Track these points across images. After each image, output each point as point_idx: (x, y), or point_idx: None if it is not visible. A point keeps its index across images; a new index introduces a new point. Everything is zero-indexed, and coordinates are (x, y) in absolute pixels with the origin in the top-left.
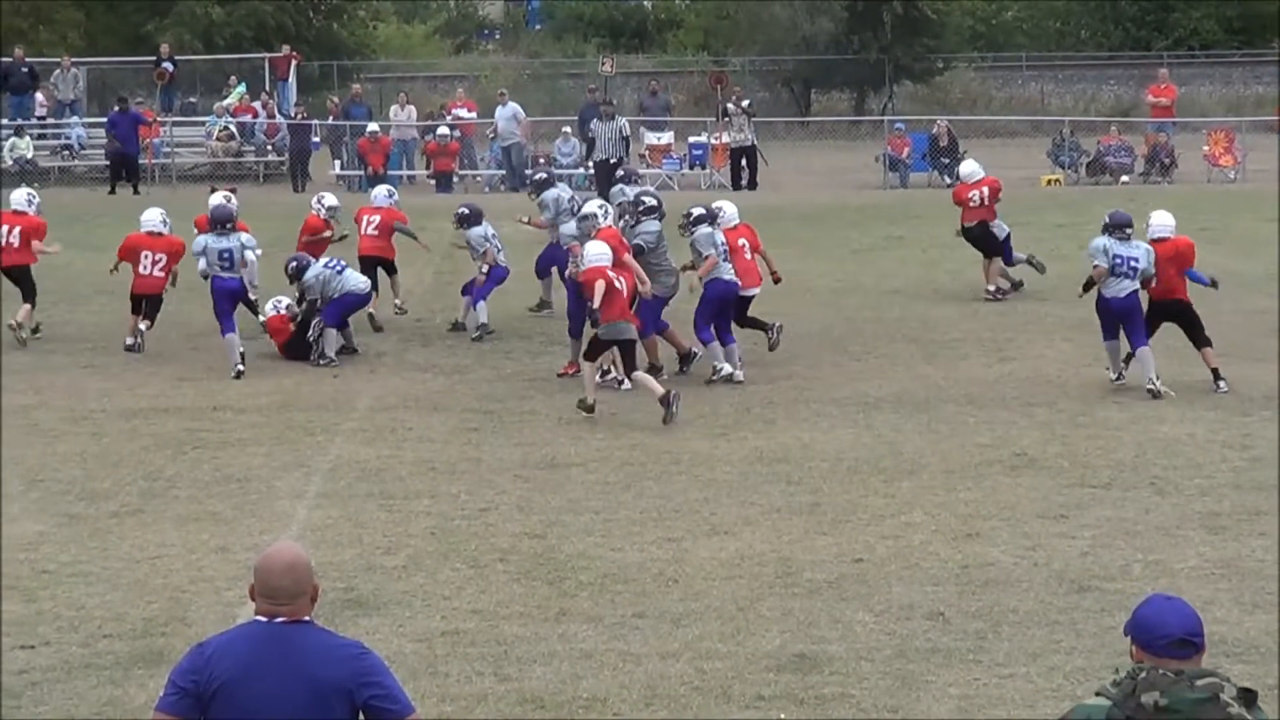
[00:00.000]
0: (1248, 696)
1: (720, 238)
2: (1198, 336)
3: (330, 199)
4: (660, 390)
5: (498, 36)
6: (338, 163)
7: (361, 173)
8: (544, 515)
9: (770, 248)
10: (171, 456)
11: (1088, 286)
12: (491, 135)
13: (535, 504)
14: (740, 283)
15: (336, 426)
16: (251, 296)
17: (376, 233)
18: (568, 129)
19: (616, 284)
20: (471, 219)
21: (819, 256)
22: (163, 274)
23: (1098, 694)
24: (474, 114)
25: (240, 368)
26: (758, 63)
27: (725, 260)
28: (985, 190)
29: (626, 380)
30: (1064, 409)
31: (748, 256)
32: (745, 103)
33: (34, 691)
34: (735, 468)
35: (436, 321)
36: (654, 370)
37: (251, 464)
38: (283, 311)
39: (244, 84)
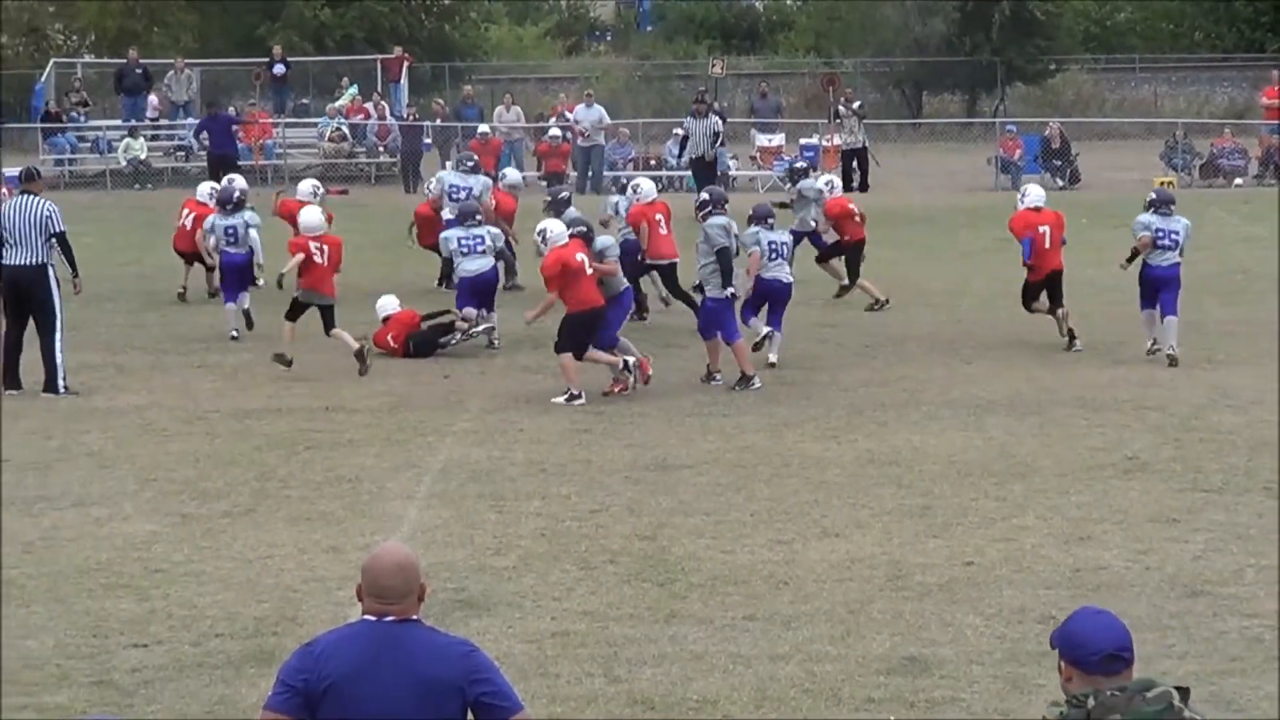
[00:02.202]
0: (1183, 694)
1: (764, 236)
2: (1057, 298)
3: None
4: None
5: (609, 38)
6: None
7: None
8: (654, 517)
9: (881, 250)
10: (284, 457)
11: (1131, 258)
12: (583, 135)
13: (646, 506)
14: (665, 255)
15: (448, 427)
16: (255, 275)
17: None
18: (678, 130)
19: (317, 257)
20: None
21: (930, 259)
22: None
23: None
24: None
25: (236, 334)
26: (869, 64)
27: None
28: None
29: (756, 380)
30: (1176, 413)
31: (663, 231)
32: (856, 104)
33: (146, 690)
34: (846, 470)
35: (546, 323)
36: (710, 377)
37: (363, 464)
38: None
39: (356, 85)
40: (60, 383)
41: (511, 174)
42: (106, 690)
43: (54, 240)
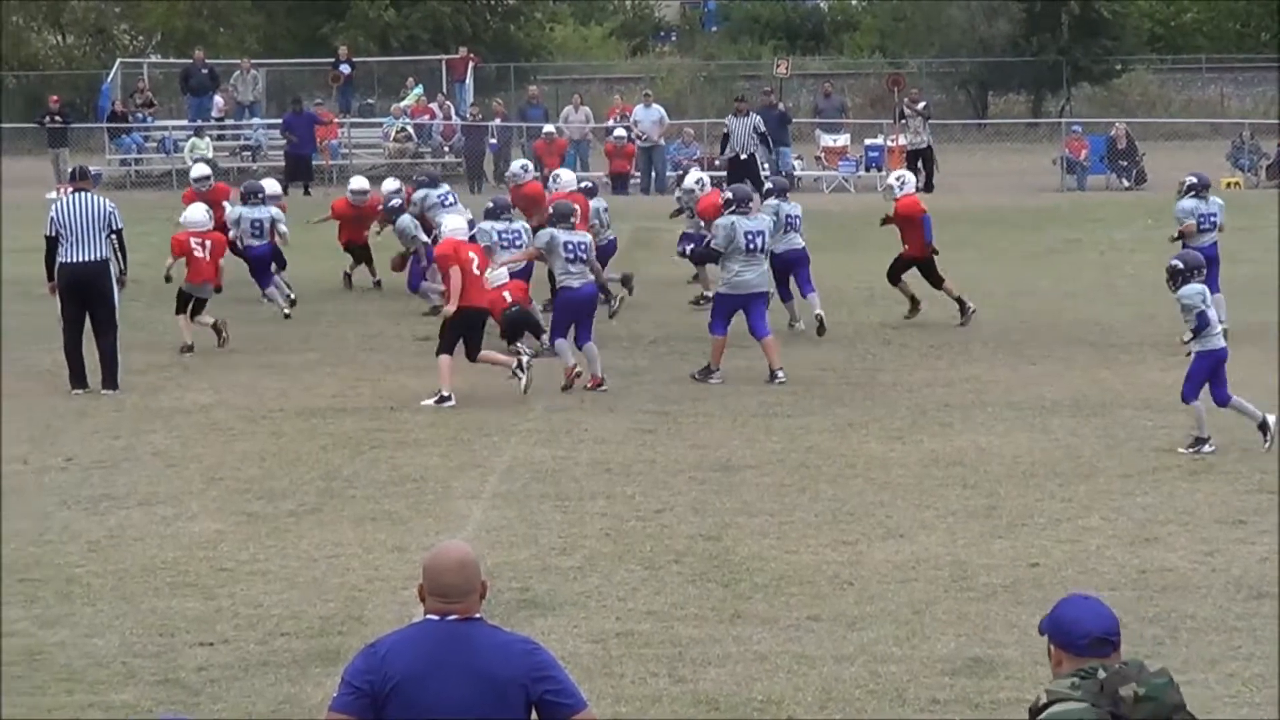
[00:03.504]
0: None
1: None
2: (935, 275)
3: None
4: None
5: (674, 38)
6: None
7: (538, 174)
8: (719, 517)
9: (946, 250)
10: (349, 456)
11: (1177, 238)
12: (640, 138)
13: (710, 506)
14: None
15: (513, 427)
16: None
17: None
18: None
19: (198, 252)
20: (396, 211)
21: (995, 259)
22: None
23: (1052, 702)
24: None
25: (288, 313)
26: (934, 65)
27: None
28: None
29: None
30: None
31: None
32: (921, 104)
33: (212, 689)
34: (910, 471)
35: (611, 324)
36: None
37: (428, 464)
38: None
39: (421, 85)
40: (119, 379)
41: (565, 174)
42: (172, 689)
43: (113, 237)
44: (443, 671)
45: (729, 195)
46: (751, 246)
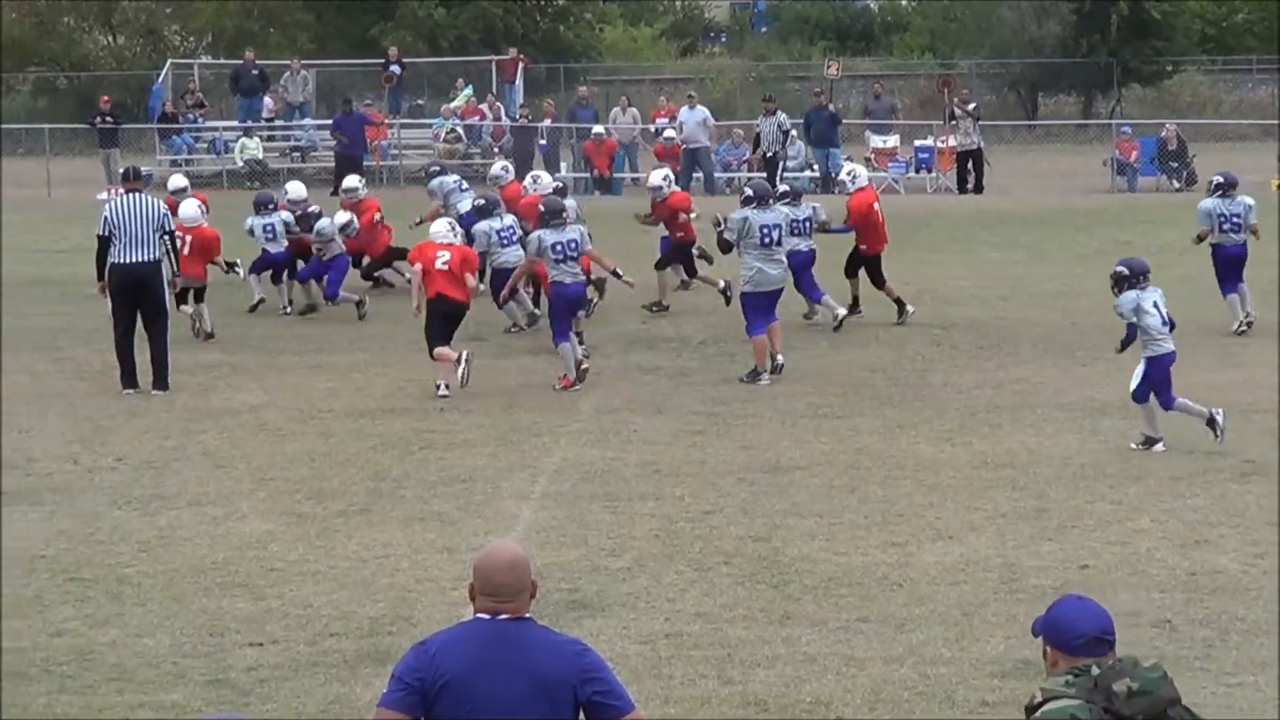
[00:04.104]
0: None
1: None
2: (879, 274)
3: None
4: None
5: (724, 39)
6: (564, 164)
7: (587, 175)
8: (768, 518)
9: (996, 251)
10: (398, 456)
11: (1199, 240)
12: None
13: (759, 507)
14: None
15: (562, 428)
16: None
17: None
18: (793, 132)
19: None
20: (314, 216)
21: (1045, 260)
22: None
23: (1046, 700)
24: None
25: (291, 308)
26: (984, 66)
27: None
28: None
29: (764, 377)
30: None
31: None
32: (972, 105)
33: (262, 689)
34: (960, 472)
35: (661, 325)
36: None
37: (477, 464)
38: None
39: (471, 86)
40: (169, 380)
41: (544, 177)
42: (222, 689)
43: (166, 238)
44: (493, 670)
45: (749, 192)
46: (768, 240)
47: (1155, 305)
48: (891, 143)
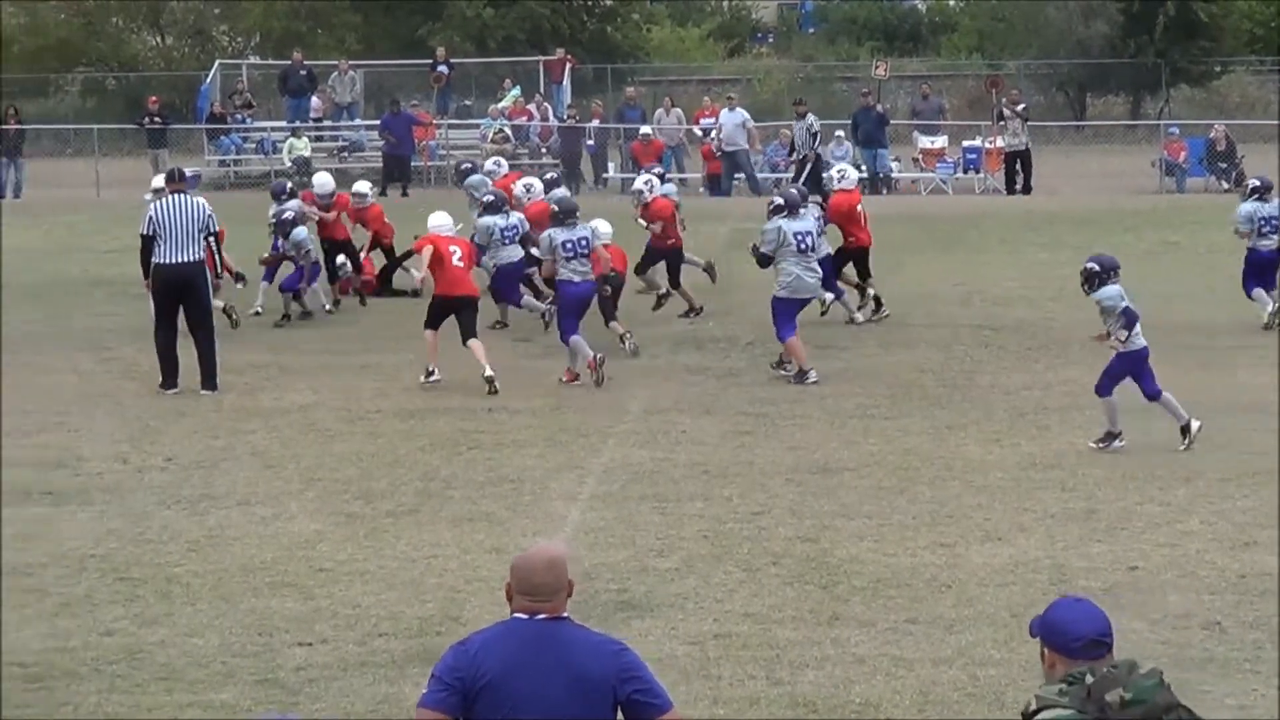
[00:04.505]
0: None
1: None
2: (866, 271)
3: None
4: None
5: (771, 40)
6: (611, 165)
7: (634, 176)
8: (816, 519)
9: (1044, 252)
10: (447, 457)
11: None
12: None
13: (808, 508)
14: None
15: (610, 429)
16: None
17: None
18: (840, 133)
19: None
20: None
21: None
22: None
23: (1041, 709)
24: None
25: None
26: (1032, 66)
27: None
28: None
29: (812, 374)
30: None
31: None
32: (1021, 106)
33: (311, 688)
34: (1009, 473)
35: (709, 325)
36: (781, 364)
37: (525, 465)
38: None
39: (519, 87)
40: (217, 379)
41: (536, 184)
42: (271, 689)
43: (210, 239)
44: (534, 670)
45: (779, 201)
46: (803, 246)
47: (1123, 298)
48: (939, 143)
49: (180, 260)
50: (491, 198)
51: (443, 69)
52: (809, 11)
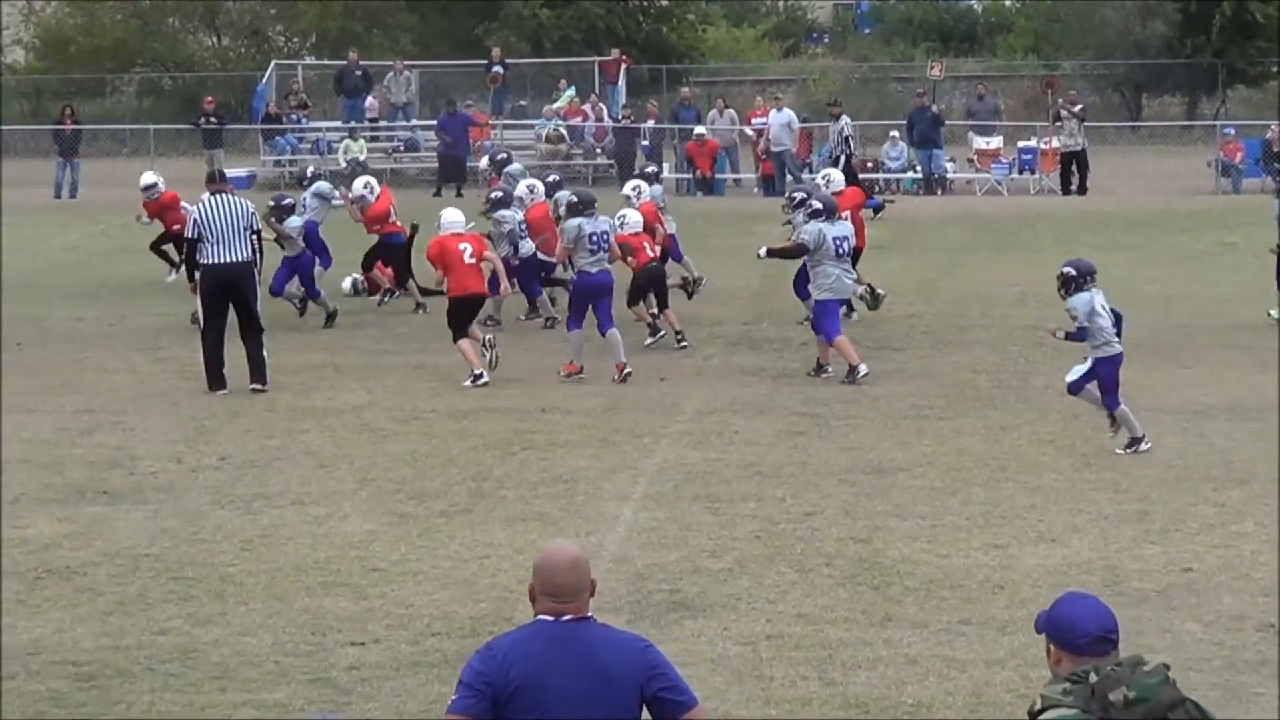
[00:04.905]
0: (1168, 669)
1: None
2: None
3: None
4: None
5: (826, 40)
6: (666, 165)
7: (689, 176)
8: (869, 520)
9: (1099, 253)
10: (500, 457)
11: (1275, 250)
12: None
13: (861, 508)
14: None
15: (663, 429)
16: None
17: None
18: (895, 133)
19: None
20: (288, 210)
21: (1149, 263)
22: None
23: (1046, 709)
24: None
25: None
26: (1088, 66)
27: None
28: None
29: (862, 367)
30: None
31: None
32: (1078, 106)
33: (364, 688)
34: (1063, 475)
35: (763, 326)
36: (820, 369)
37: (579, 465)
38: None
39: (574, 87)
40: (267, 377)
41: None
42: (324, 688)
43: (253, 237)
44: (563, 671)
45: (816, 205)
46: (841, 251)
47: (1103, 306)
48: (995, 144)
49: (228, 260)
50: (500, 193)
51: (498, 69)
52: (864, 12)
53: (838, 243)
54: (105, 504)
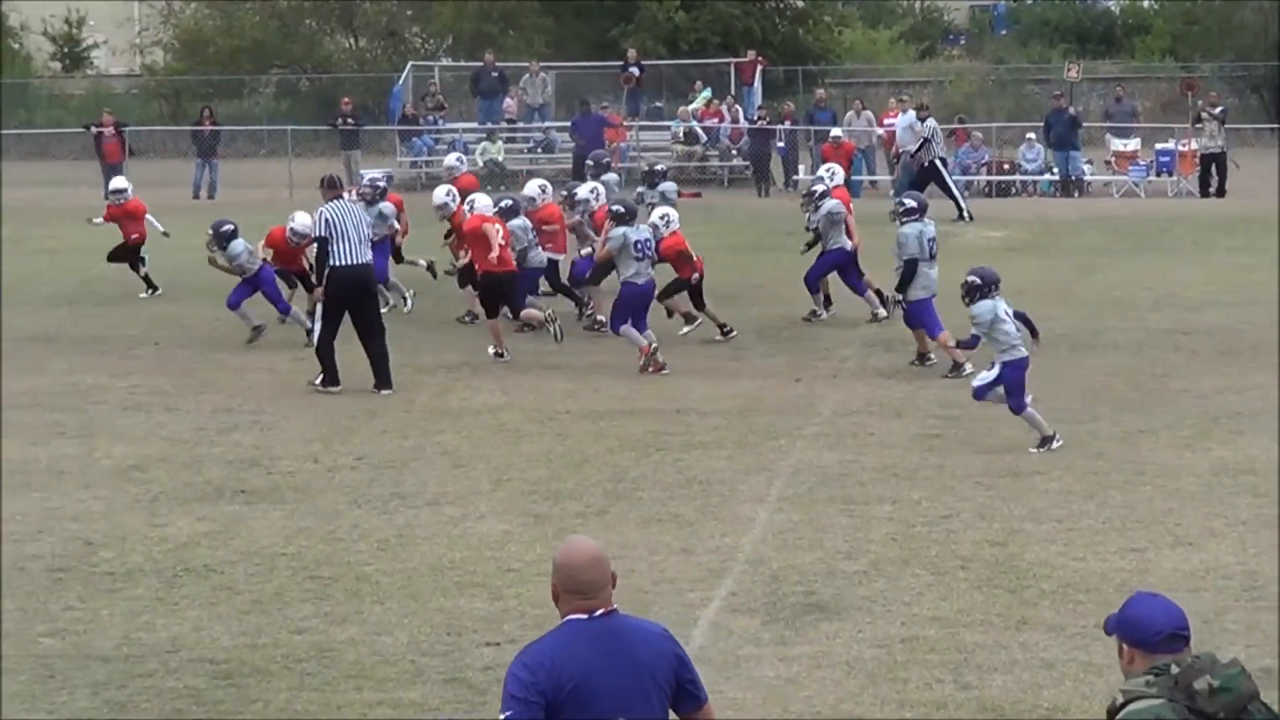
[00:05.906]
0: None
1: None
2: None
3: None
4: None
5: (963, 42)
6: (802, 167)
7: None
8: (1005, 523)
9: (1237, 256)
10: (635, 458)
11: None
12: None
13: (997, 511)
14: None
15: (799, 431)
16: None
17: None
18: (1031, 135)
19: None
20: (228, 236)
21: None
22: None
23: (1129, 702)
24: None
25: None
26: (1226, 68)
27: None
28: None
29: (967, 366)
30: None
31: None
32: (1219, 109)
33: (498, 688)
34: (1200, 479)
35: (898, 325)
36: (923, 359)
37: (714, 467)
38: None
39: (709, 88)
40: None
41: (481, 199)
42: (459, 688)
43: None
44: (609, 667)
45: (911, 204)
46: (932, 252)
47: (1006, 313)
48: (1132, 146)
49: (357, 261)
50: (509, 202)
51: (634, 70)
52: (1001, 13)
53: (931, 244)
54: (243, 503)
